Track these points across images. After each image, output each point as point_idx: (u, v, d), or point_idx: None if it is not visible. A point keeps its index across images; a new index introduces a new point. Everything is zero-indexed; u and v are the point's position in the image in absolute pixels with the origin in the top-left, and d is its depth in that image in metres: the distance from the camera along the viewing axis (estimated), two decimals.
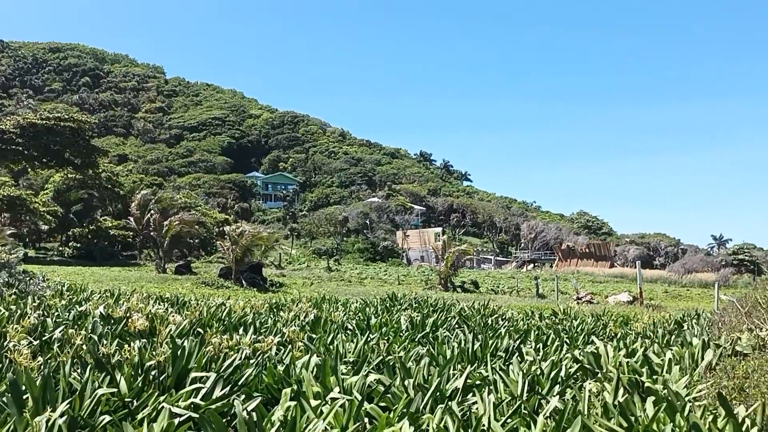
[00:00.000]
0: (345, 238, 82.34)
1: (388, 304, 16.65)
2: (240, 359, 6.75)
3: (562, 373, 6.85)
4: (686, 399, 5.66)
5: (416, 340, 9.50)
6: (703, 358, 7.65)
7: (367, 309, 14.75)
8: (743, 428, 4.55)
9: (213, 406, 5.18)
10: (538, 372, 6.81)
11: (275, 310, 13.38)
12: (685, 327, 12.31)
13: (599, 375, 7.00)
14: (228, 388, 5.72)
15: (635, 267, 34.41)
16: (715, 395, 5.13)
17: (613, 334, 11.72)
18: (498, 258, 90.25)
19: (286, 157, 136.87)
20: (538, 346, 9.19)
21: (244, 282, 32.16)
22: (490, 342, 8.68)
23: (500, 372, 6.55)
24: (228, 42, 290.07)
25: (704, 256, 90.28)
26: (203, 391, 5.50)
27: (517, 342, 9.12)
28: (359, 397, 5.26)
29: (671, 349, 8.41)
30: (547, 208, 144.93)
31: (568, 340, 10.02)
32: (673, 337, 10.75)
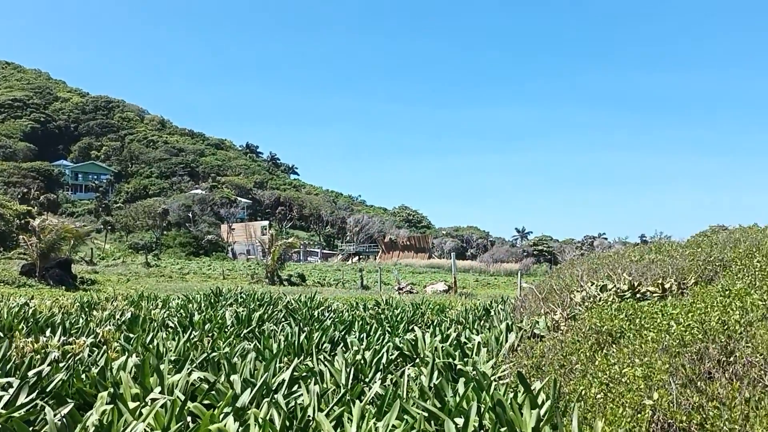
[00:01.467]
0: (165, 232, 78.38)
1: (212, 300, 16.22)
2: (48, 363, 6.26)
3: (384, 360, 7.20)
4: (492, 378, 6.25)
5: (242, 335, 9.41)
6: (507, 341, 8.45)
7: (190, 305, 14.27)
8: (539, 401, 5.14)
9: (17, 414, 4.77)
10: (362, 360, 7.09)
11: (87, 309, 12.48)
12: (493, 313, 13.44)
13: (417, 360, 7.46)
14: (35, 394, 5.29)
15: (451, 258, 36.68)
16: (516, 374, 5.71)
17: (430, 322, 12.48)
18: (324, 251, 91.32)
19: (99, 145, 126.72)
20: (362, 335, 9.53)
21: (50, 280, 29.47)
22: (316, 334, 8.85)
23: (326, 363, 6.73)
24: (31, 17, 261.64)
25: (509, 247, 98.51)
26: (6, 399, 5.04)
27: (343, 333, 9.39)
28: (182, 397, 5.14)
29: (480, 334, 9.17)
30: (371, 203, 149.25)
31: (389, 329, 10.49)
32: (482, 322, 11.70)
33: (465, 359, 7.27)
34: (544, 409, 4.86)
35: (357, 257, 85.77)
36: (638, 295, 9.07)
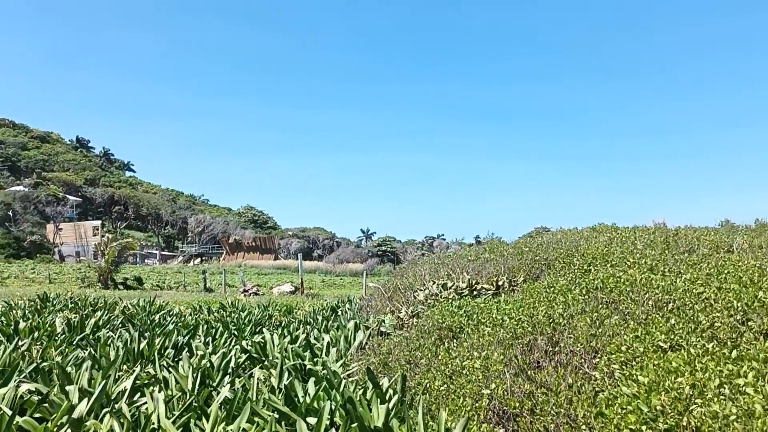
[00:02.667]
0: None
1: (38, 306, 14.90)
2: None
3: (232, 364, 7.08)
4: (342, 376, 6.37)
5: (75, 343, 8.76)
6: (355, 340, 8.66)
7: (13, 312, 13.01)
8: (387, 396, 5.35)
9: None
10: (209, 365, 6.92)
11: None
12: (340, 312, 13.67)
13: (266, 362, 7.41)
14: None
15: (297, 259, 36.62)
16: (365, 371, 5.88)
17: (278, 323, 12.42)
18: (164, 253, 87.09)
19: None
20: (207, 339, 9.28)
21: None
22: (158, 339, 8.47)
23: (170, 369, 6.48)
24: None
25: (355, 248, 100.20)
26: None
27: (187, 337, 9.08)
28: (9, 411, 4.71)
29: (329, 333, 9.30)
30: (215, 202, 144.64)
31: (236, 332, 10.30)
32: (330, 322, 11.85)
33: (315, 359, 7.35)
34: (392, 403, 5.06)
35: (200, 259, 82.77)
36: (475, 293, 9.70)
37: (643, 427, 3.51)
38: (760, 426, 3.11)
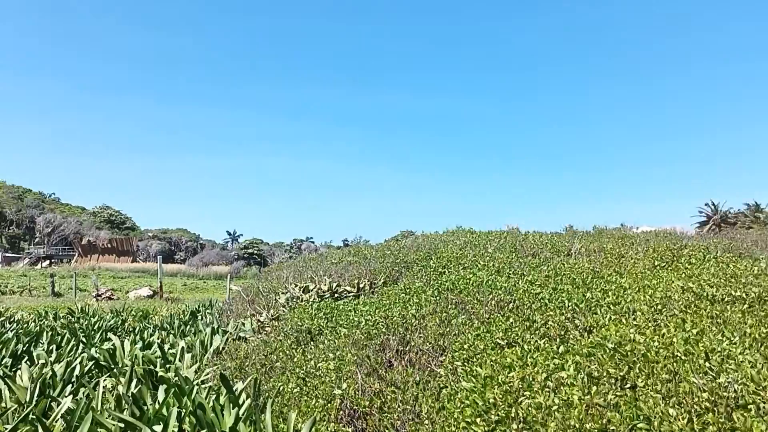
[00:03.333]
0: None
1: None
2: None
3: (77, 372, 6.69)
4: (195, 382, 6.23)
5: None
6: (212, 344, 8.48)
7: None
8: (240, 400, 5.31)
9: None
10: (50, 374, 6.49)
11: None
12: (200, 317, 13.29)
13: (115, 370, 7.07)
14: None
15: (157, 262, 35.06)
16: (219, 376, 5.80)
17: (131, 329, 11.85)
18: (8, 254, 79.80)
19: None
20: (51, 347, 8.67)
21: None
22: None
23: (6, 379, 6.01)
24: None
25: (220, 250, 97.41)
26: None
27: (27, 345, 8.44)
28: None
29: (185, 339, 9.03)
30: (67, 201, 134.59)
31: (84, 339, 9.71)
32: (189, 327, 11.49)
33: (167, 365, 7.12)
34: (244, 407, 5.04)
35: (49, 261, 76.71)
36: (336, 295, 9.85)
37: (478, 419, 3.77)
38: (576, 414, 3.45)
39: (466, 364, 4.85)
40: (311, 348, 6.60)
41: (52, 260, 78.91)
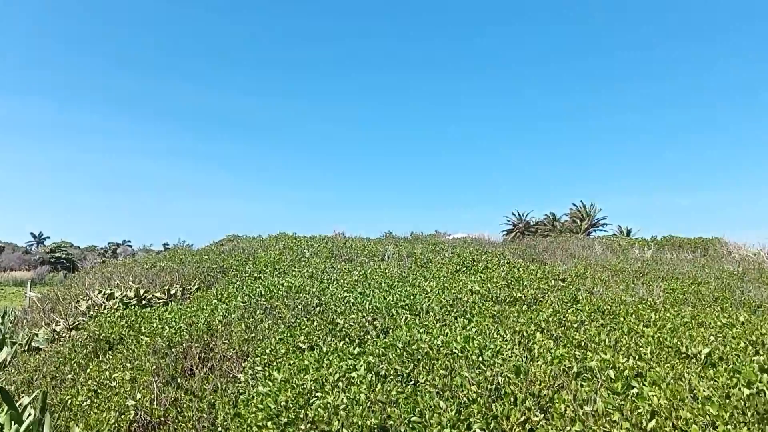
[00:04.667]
0: None
1: None
2: None
3: None
4: None
5: None
6: None
7: None
8: (24, 416, 4.90)
9: None
10: None
11: None
12: None
13: None
14: None
15: None
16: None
17: None
18: None
19: None
20: None
21: None
22: None
23: None
24: None
25: (23, 254, 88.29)
26: None
27: None
28: None
29: None
30: None
31: None
32: None
33: None
34: (27, 423, 4.67)
35: None
36: (144, 302, 9.40)
37: (269, 423, 3.83)
38: (359, 412, 3.64)
39: (266, 368, 4.90)
40: (109, 358, 6.25)
41: None
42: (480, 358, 4.11)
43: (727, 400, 3.27)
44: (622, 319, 5.93)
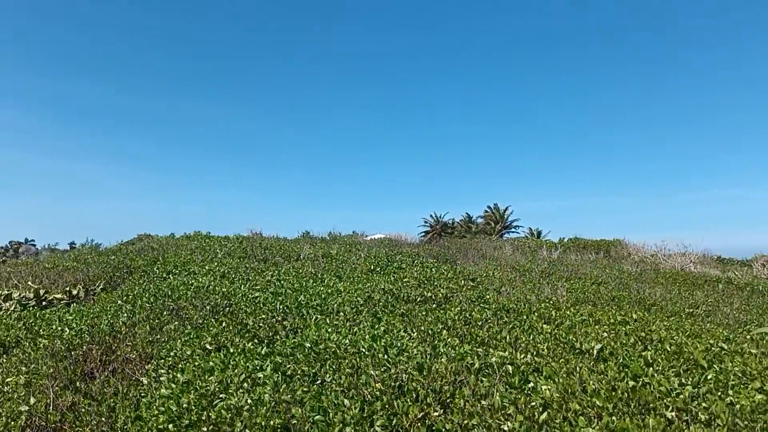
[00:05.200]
0: None
1: None
2: None
3: None
4: None
5: None
6: None
7: None
8: None
9: None
10: None
11: None
12: None
13: None
14: None
15: None
16: None
17: None
18: None
19: None
20: None
21: None
22: None
23: None
24: None
25: None
26: None
27: None
28: None
29: None
30: None
31: None
32: None
33: None
34: None
35: None
36: (45, 303, 8.95)
37: (170, 426, 3.76)
38: (263, 412, 3.63)
39: (171, 371, 4.78)
40: (3, 362, 5.92)
41: None
42: (386, 357, 4.18)
43: (613, 393, 3.48)
44: (525, 317, 6.18)
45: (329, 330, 4.93)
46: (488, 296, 7.28)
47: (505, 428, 3.18)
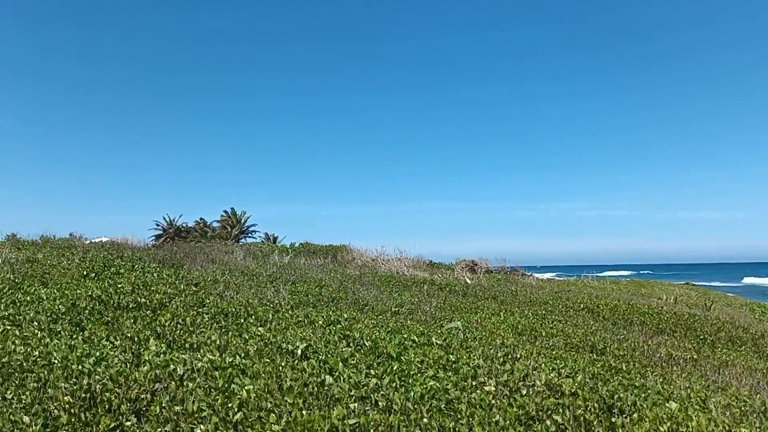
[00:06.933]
0: None
1: None
2: None
3: None
4: None
5: None
6: None
7: None
8: None
9: None
10: None
11: None
12: None
13: None
14: None
15: None
16: None
17: None
18: None
19: None
20: None
21: None
22: None
23: None
24: None
25: None
26: None
27: None
28: None
29: None
30: None
31: None
32: None
33: None
34: None
35: None
36: None
37: None
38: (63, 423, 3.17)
39: None
40: None
41: None
42: (80, 367, 3.93)
43: (305, 388, 3.74)
44: (242, 320, 6.28)
45: (16, 342, 4.46)
46: (208, 301, 7.23)
47: (198, 431, 3.22)
